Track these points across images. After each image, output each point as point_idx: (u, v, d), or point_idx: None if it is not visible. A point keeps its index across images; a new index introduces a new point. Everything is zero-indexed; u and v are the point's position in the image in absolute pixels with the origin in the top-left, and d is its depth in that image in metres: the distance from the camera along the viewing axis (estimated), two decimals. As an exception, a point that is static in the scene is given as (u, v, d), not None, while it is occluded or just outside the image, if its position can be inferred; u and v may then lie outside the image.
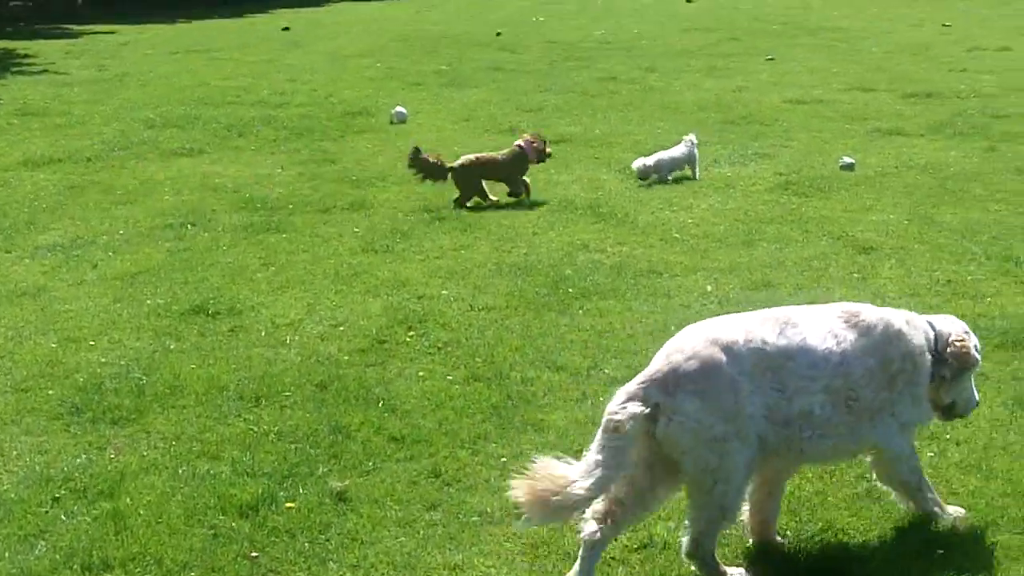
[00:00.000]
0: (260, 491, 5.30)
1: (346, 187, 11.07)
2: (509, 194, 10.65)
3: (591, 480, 4.31)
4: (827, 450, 4.71)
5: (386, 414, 6.13)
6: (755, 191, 10.72)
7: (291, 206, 10.38)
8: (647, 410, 4.37)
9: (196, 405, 6.28)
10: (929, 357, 4.84)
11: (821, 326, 4.70)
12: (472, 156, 10.75)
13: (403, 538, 4.98)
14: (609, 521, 4.51)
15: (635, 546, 4.91)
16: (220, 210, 10.32)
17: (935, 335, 4.91)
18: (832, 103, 14.94)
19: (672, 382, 4.43)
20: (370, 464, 5.60)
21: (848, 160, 11.48)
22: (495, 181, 10.70)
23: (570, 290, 8.04)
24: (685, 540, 4.59)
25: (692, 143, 11.26)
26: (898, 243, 8.99)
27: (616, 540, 4.92)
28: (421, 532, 5.02)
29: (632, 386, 4.46)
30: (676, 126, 13.76)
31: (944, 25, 23.53)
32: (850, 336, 4.69)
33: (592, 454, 4.39)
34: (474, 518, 5.13)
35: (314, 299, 7.95)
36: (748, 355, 4.52)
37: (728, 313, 7.37)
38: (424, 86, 17.27)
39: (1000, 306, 7.59)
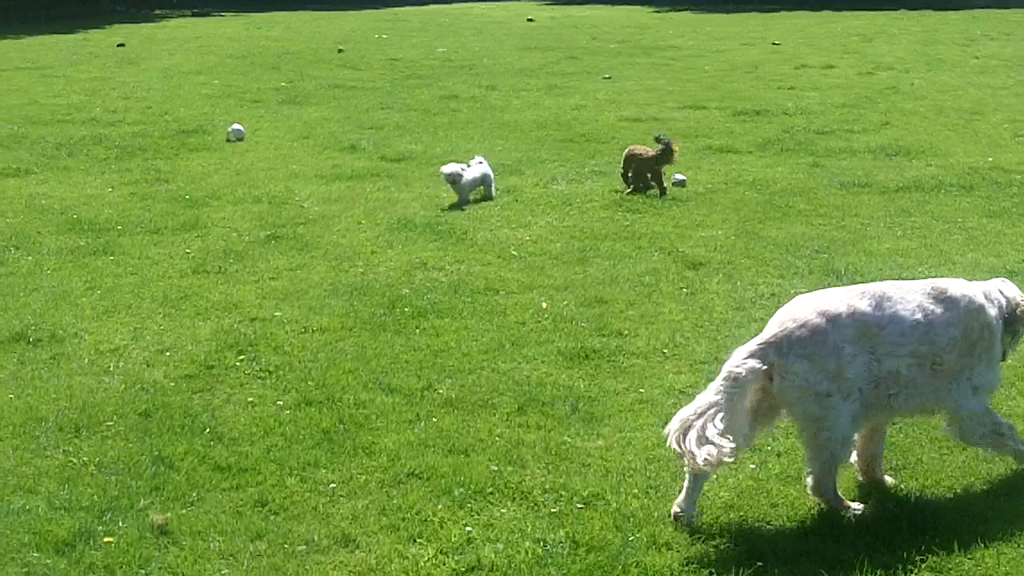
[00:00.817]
0: (77, 526, 5.13)
1: (179, 207, 10.85)
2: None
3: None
4: (913, 406, 5.37)
5: (212, 442, 6.00)
6: (591, 208, 10.86)
7: (120, 227, 10.12)
8: (764, 367, 5.13)
9: (12, 437, 6.05)
10: (1001, 322, 5.47)
11: (911, 300, 5.32)
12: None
13: (226, 570, 4.87)
14: None
15: (463, 570, 4.89)
16: (46, 232, 10.01)
17: (1005, 300, 5.50)
18: (666, 121, 15.25)
19: (785, 346, 5.15)
20: (194, 495, 5.47)
21: (680, 177, 11.72)
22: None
23: (407, 309, 8.02)
24: (809, 480, 5.34)
25: (484, 163, 11.27)
26: (726, 258, 9.21)
27: (444, 563, 4.91)
28: (245, 564, 4.92)
29: (752, 346, 5.21)
30: (516, 144, 13.90)
31: (774, 44, 24.28)
32: (937, 309, 5.31)
33: (709, 395, 5.17)
34: (300, 547, 5.05)
35: (140, 324, 7.75)
36: (849, 325, 5.18)
37: (560, 328, 7.54)
38: (263, 103, 17.06)
39: (822, 319, 7.82)
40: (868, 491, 5.50)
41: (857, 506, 5.32)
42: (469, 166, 11.14)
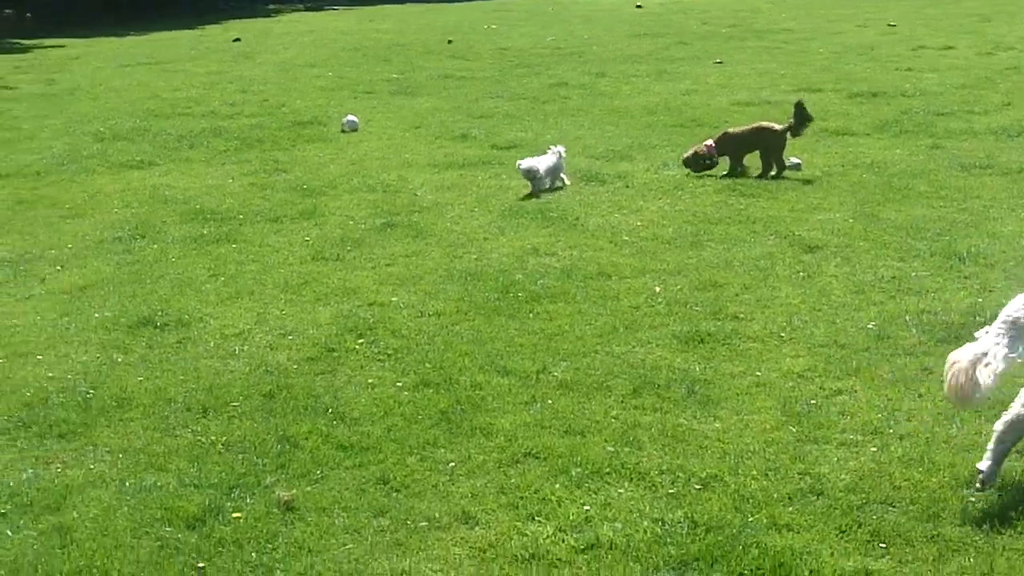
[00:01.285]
0: (207, 502, 5.29)
1: (297, 196, 11.06)
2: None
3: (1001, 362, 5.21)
4: None
5: (334, 422, 6.13)
6: (704, 192, 10.80)
7: (241, 216, 10.36)
8: None
9: (143, 418, 6.26)
10: None
11: None
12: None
13: (350, 545, 4.98)
14: None
15: (581, 547, 4.93)
16: (170, 222, 10.28)
17: None
18: (780, 104, 15.03)
19: None
20: (318, 472, 5.60)
21: (795, 160, 11.57)
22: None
23: (520, 294, 8.07)
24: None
25: (560, 154, 11.19)
26: (843, 241, 9.09)
27: (563, 541, 4.97)
28: (368, 539, 5.02)
29: None
30: (627, 130, 13.87)
31: (889, 25, 23.80)
32: None
33: (989, 339, 5.29)
34: (422, 523, 5.14)
35: (263, 309, 7.93)
36: None
37: (674, 312, 7.53)
38: (375, 94, 17.27)
39: (943, 301, 7.69)
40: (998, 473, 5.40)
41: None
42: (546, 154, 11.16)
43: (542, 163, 10.90)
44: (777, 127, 11.32)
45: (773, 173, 11.22)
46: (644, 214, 10.13)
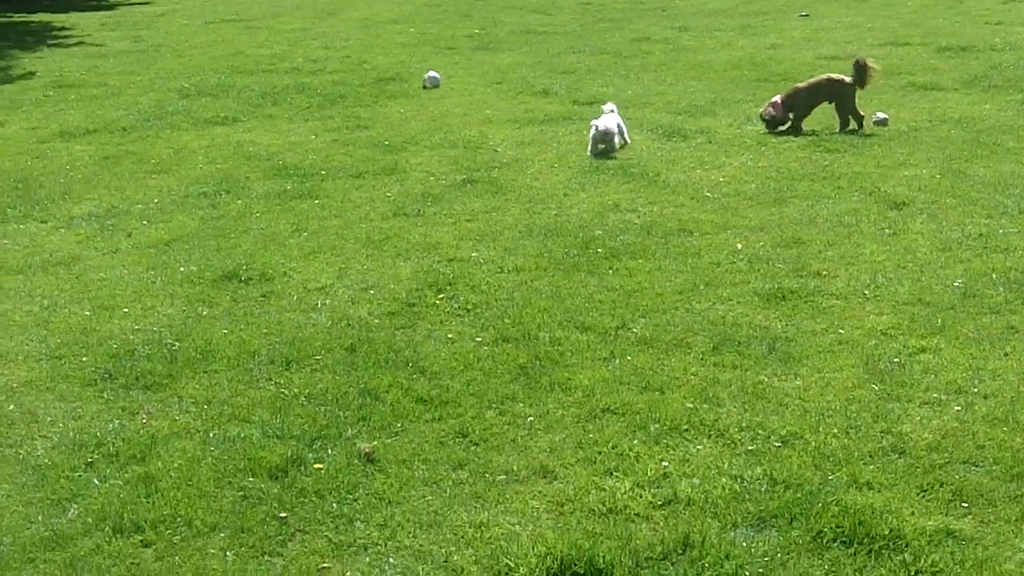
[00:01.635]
0: (289, 453, 5.37)
1: (378, 153, 11.10)
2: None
3: None
4: None
5: (414, 376, 6.18)
6: (787, 148, 10.65)
7: (324, 172, 10.44)
8: None
9: (227, 370, 6.36)
10: None
11: None
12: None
13: (429, 497, 5.03)
14: None
15: (659, 502, 4.93)
16: (253, 177, 10.40)
17: None
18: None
19: None
20: (398, 425, 5.66)
21: (881, 115, 11.37)
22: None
23: (599, 250, 8.05)
24: None
25: (614, 110, 11.02)
26: (930, 198, 8.92)
27: (640, 496, 4.97)
28: (447, 491, 5.07)
29: None
30: (710, 85, 13.72)
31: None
32: None
33: None
34: (500, 477, 5.18)
35: (345, 264, 8.01)
36: None
37: (755, 269, 7.45)
38: (457, 50, 17.25)
39: (1033, 259, 7.54)
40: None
41: None
42: (604, 113, 10.93)
43: (613, 122, 10.74)
44: (846, 78, 11.11)
45: (852, 127, 11.02)
46: (726, 170, 10.03)
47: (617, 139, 10.68)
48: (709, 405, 5.77)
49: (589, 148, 10.65)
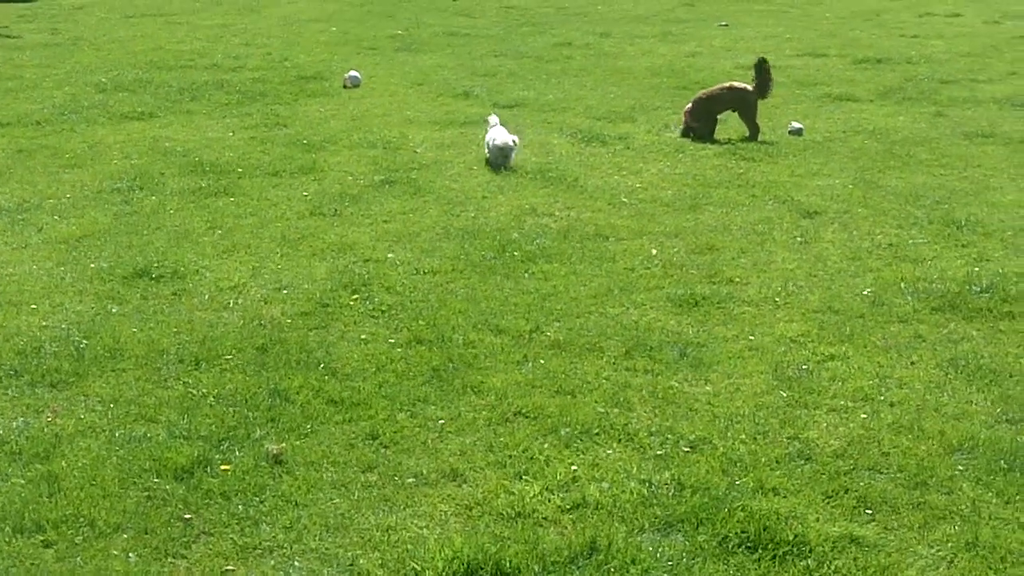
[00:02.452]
0: (196, 454, 5.30)
1: (297, 151, 11.01)
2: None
3: None
4: None
5: (326, 377, 6.14)
6: (704, 156, 10.76)
7: (240, 170, 10.33)
8: None
9: (135, 368, 6.26)
10: None
11: None
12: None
13: (337, 500, 5.00)
14: None
15: (568, 506, 4.95)
16: (169, 174, 10.25)
17: None
18: (784, 69, 14.97)
19: None
20: (308, 427, 5.61)
21: (797, 125, 11.54)
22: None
23: (516, 254, 8.06)
24: None
25: (498, 122, 10.65)
26: (842, 207, 9.06)
27: (549, 500, 4.98)
28: (356, 494, 5.04)
29: None
30: (629, 91, 13.81)
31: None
32: None
33: None
34: (409, 480, 5.16)
35: (259, 263, 7.92)
36: None
37: (670, 275, 7.51)
38: (379, 51, 17.18)
39: (940, 269, 7.68)
40: (979, 441, 5.41)
41: None
42: (491, 127, 10.54)
43: (507, 136, 10.30)
44: (747, 86, 11.28)
45: (749, 135, 11.19)
46: (644, 176, 10.10)
47: (513, 153, 10.39)
48: (620, 409, 5.80)
49: (490, 160, 10.39)
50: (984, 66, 15.10)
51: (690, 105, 11.44)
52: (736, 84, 11.47)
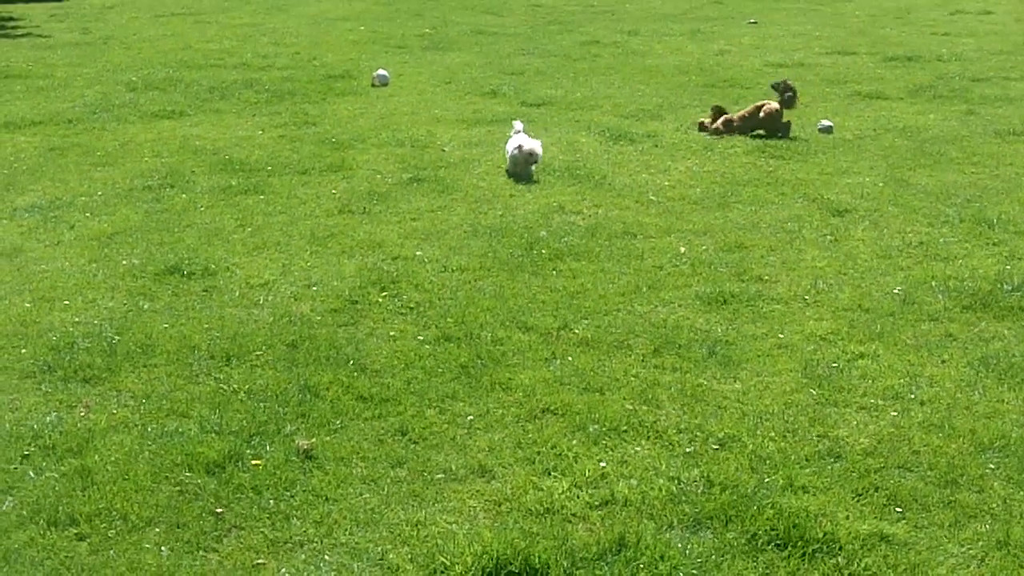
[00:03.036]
0: (227, 449, 5.33)
1: (325, 149, 11.06)
2: None
3: None
4: None
5: (355, 373, 6.16)
6: (733, 154, 10.74)
7: (270, 168, 10.38)
8: None
9: (167, 364, 6.31)
10: None
11: None
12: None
13: (367, 495, 5.02)
14: None
15: (596, 503, 4.95)
16: (199, 172, 10.32)
17: None
18: (813, 67, 14.94)
19: None
20: (338, 422, 5.64)
21: (826, 123, 11.50)
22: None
23: (544, 251, 8.07)
24: None
25: (522, 128, 10.33)
26: (872, 205, 9.03)
27: (578, 496, 4.99)
28: (385, 489, 5.06)
29: None
30: (657, 89, 13.79)
31: (929, -11, 23.53)
32: None
33: None
34: (438, 475, 5.18)
35: (289, 260, 7.97)
36: None
37: (698, 273, 7.50)
38: (407, 49, 17.23)
39: (970, 268, 7.64)
40: (1011, 440, 5.38)
41: None
42: (516, 133, 10.19)
43: (533, 142, 10.04)
44: (776, 106, 11.26)
45: (780, 135, 11.21)
46: (672, 174, 10.09)
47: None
48: (648, 407, 5.80)
49: (509, 168, 10.10)
50: (1016, 64, 15.00)
51: (719, 124, 11.40)
52: (767, 105, 11.38)
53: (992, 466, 5.20)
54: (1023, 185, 9.53)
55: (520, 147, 9.93)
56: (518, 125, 10.41)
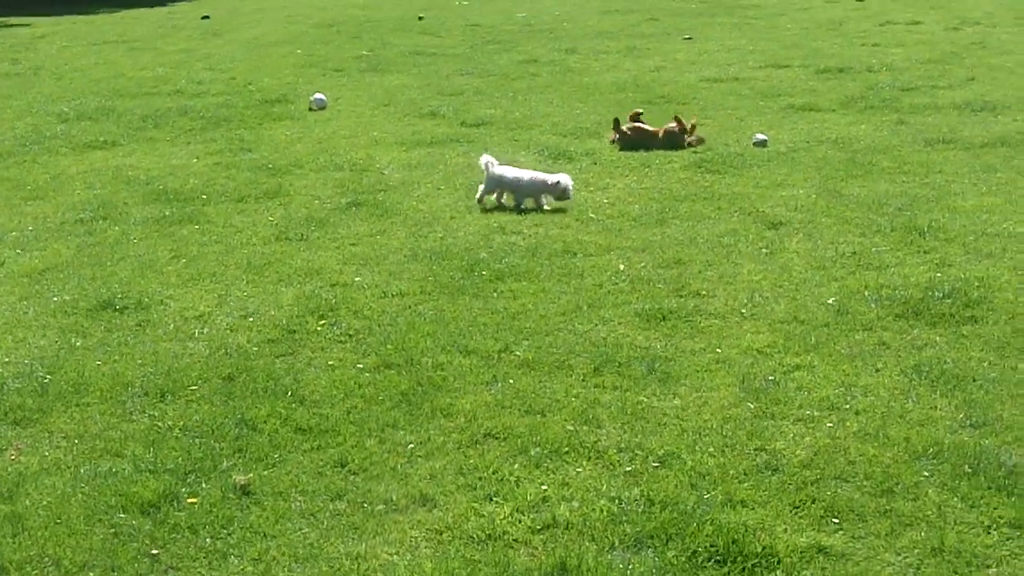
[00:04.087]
0: (162, 488, 5.26)
1: (262, 176, 10.99)
2: None
3: None
4: None
5: (294, 405, 6.11)
6: (670, 170, 10.80)
7: (205, 196, 10.30)
8: None
9: (100, 403, 6.22)
10: None
11: None
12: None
13: (306, 529, 4.97)
14: None
15: (538, 527, 4.94)
16: (132, 203, 10.21)
17: None
18: (748, 81, 15.08)
19: None
20: (276, 456, 5.59)
21: (761, 137, 11.60)
22: None
23: (484, 273, 8.06)
24: None
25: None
26: (807, 217, 9.11)
27: (520, 521, 4.97)
28: (325, 523, 5.02)
29: None
30: (595, 107, 13.85)
31: (858, 0, 23.80)
32: None
33: None
34: (379, 506, 5.14)
35: (225, 290, 7.89)
36: None
37: (637, 290, 7.52)
38: (345, 72, 17.18)
39: (903, 276, 7.72)
40: (944, 446, 5.43)
41: None
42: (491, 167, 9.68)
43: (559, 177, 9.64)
44: (677, 129, 11.57)
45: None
46: (611, 191, 10.13)
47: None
48: (589, 427, 5.80)
49: (518, 202, 9.65)
50: (944, 72, 15.23)
51: (626, 128, 11.58)
52: (673, 129, 11.56)
53: (926, 473, 5.25)
54: (952, 192, 9.66)
55: (558, 183, 9.50)
56: (486, 159, 9.72)
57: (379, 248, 8.73)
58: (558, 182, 9.54)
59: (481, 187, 9.77)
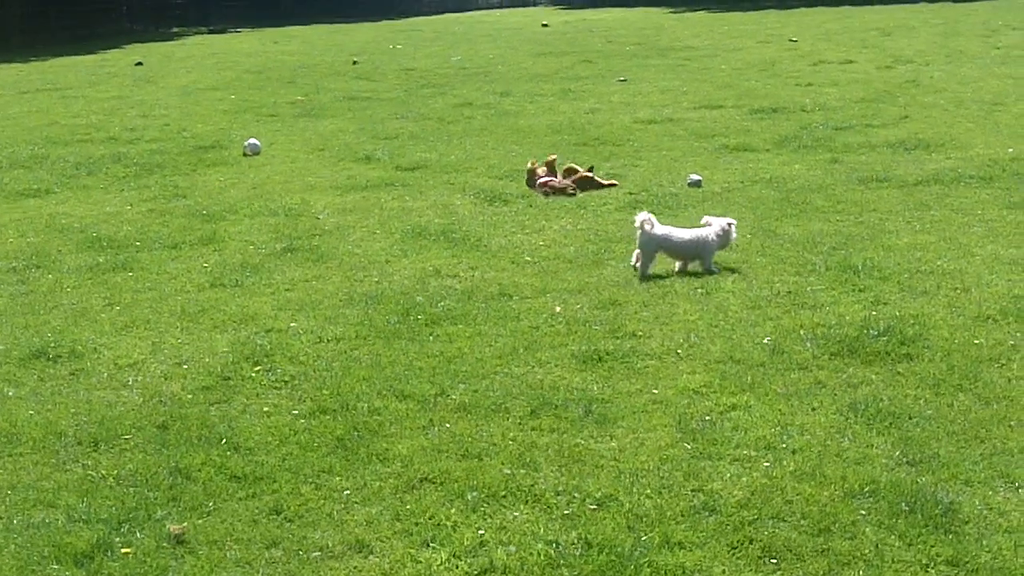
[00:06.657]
0: (95, 538, 5.17)
1: (196, 222, 10.92)
2: None
3: None
4: None
5: (228, 452, 6.04)
6: (605, 211, 10.87)
7: (139, 243, 10.20)
8: None
9: (32, 452, 6.11)
10: None
11: None
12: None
13: (242, 578, 4.91)
14: None
15: (475, 572, 4.91)
16: (66, 251, 10.09)
17: None
18: (681, 122, 15.26)
19: None
20: (210, 504, 5.51)
21: (695, 177, 11.72)
22: None
23: (420, 317, 8.04)
24: None
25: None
26: (741, 257, 9.20)
27: (456, 566, 4.94)
28: (260, 571, 4.95)
29: None
30: (531, 149, 13.93)
31: (791, 40, 24.24)
32: None
33: None
34: (315, 553, 5.08)
35: (159, 338, 7.81)
36: None
37: (574, 332, 7.54)
38: (279, 117, 17.17)
39: (837, 315, 7.81)
40: (880, 484, 5.48)
41: None
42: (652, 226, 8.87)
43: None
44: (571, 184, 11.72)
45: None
46: (546, 233, 10.17)
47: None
48: (526, 470, 5.79)
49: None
50: (877, 111, 15.51)
51: (543, 181, 11.68)
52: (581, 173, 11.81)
53: (864, 512, 5.29)
54: (887, 231, 9.81)
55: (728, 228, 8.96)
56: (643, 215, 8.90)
57: (314, 293, 8.69)
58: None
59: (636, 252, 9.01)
